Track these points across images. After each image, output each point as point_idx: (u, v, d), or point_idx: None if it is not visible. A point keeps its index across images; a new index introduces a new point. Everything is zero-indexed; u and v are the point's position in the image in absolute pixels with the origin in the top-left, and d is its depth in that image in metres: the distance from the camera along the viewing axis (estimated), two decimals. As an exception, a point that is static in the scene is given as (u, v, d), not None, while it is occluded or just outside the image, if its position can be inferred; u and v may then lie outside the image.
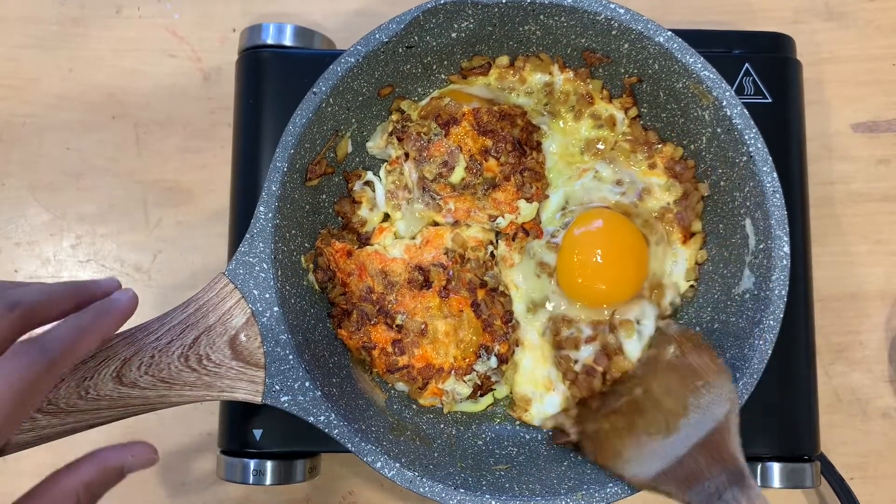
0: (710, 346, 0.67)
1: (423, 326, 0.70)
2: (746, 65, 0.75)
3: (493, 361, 0.71)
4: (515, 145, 0.71)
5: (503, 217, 0.72)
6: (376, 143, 0.73)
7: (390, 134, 0.72)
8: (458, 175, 0.71)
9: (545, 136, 0.73)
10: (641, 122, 0.73)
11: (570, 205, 0.72)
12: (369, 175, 0.73)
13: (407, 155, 0.72)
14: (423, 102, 0.73)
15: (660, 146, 0.72)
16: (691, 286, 0.72)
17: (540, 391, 0.71)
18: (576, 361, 0.70)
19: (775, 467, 0.72)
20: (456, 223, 0.72)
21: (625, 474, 0.63)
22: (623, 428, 0.66)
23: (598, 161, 0.72)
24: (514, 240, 0.72)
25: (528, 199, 0.72)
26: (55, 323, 0.52)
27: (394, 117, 0.72)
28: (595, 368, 0.69)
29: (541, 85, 0.72)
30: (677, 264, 0.72)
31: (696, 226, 0.72)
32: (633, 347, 0.69)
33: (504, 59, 0.72)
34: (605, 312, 0.70)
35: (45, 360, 0.49)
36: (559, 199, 0.73)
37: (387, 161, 0.73)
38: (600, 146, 0.73)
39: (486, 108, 0.72)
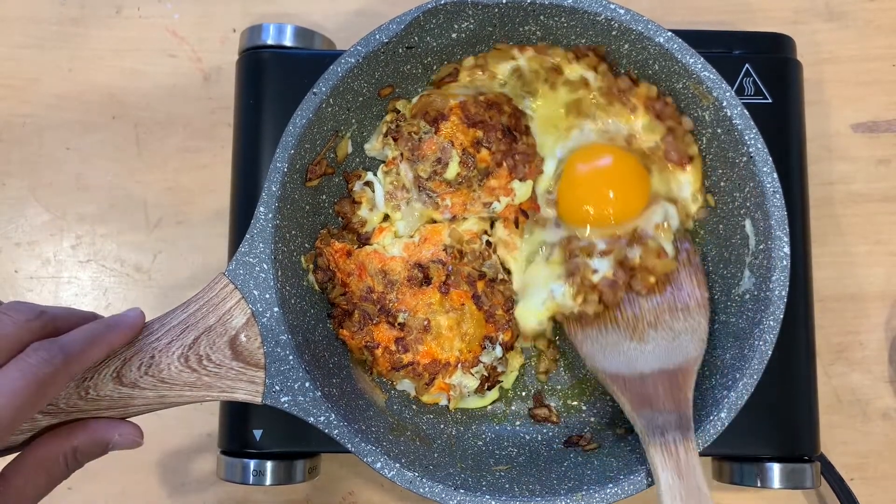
0: (705, 273, 0.70)
1: (425, 323, 0.70)
2: (746, 65, 0.75)
3: (499, 351, 0.71)
4: (505, 132, 0.71)
5: (498, 201, 0.71)
6: (373, 145, 0.73)
7: (385, 135, 0.72)
8: (452, 171, 0.71)
9: (531, 119, 0.73)
10: (613, 71, 0.72)
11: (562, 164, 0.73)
12: (369, 175, 0.73)
13: (402, 155, 0.72)
14: (414, 100, 0.73)
15: (634, 88, 0.71)
16: (702, 207, 0.71)
17: (547, 316, 0.71)
18: (595, 271, 0.69)
19: (775, 468, 0.72)
20: (454, 218, 0.72)
21: (583, 351, 0.68)
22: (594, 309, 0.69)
23: (582, 120, 0.72)
24: (516, 226, 0.72)
25: (522, 179, 0.72)
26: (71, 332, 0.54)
27: (388, 118, 0.72)
28: (617, 282, 0.69)
29: (509, 71, 0.72)
30: (682, 188, 0.71)
31: (692, 149, 0.70)
32: (670, 246, 0.70)
33: (469, 60, 0.72)
34: (620, 229, 0.70)
35: (61, 359, 0.51)
36: (553, 166, 0.72)
37: (384, 162, 0.73)
38: (581, 105, 0.72)
39: (472, 100, 0.71)
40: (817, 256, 0.77)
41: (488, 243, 0.73)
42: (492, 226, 0.74)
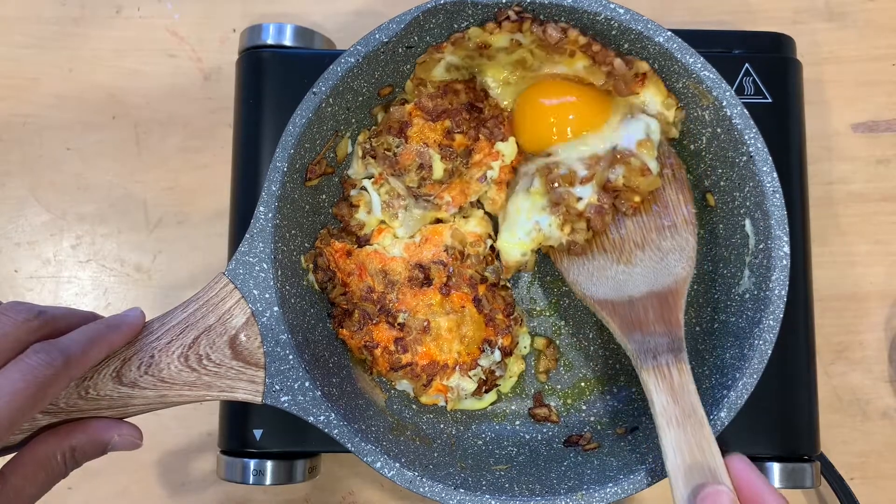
0: (690, 188, 0.69)
1: (425, 324, 0.70)
2: (746, 65, 0.75)
3: (497, 355, 0.71)
4: (469, 109, 0.71)
5: (491, 168, 0.71)
6: (356, 171, 0.72)
7: (363, 157, 0.72)
8: (438, 170, 0.71)
9: (485, 84, 0.72)
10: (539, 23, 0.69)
11: None
12: (365, 182, 0.73)
13: (387, 171, 0.72)
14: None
15: (564, 38, 0.68)
16: (678, 110, 0.70)
17: (529, 248, 0.70)
18: (579, 199, 0.68)
19: (775, 467, 0.72)
20: (460, 209, 0.72)
21: (570, 278, 0.68)
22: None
23: (530, 72, 0.71)
24: (508, 185, 0.72)
25: (503, 140, 0.71)
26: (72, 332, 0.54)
27: (361, 138, 0.72)
28: (603, 207, 0.68)
29: (444, 69, 0.71)
30: (648, 105, 0.69)
31: (642, 66, 0.68)
32: (654, 163, 0.68)
33: (409, 85, 0.71)
34: (600, 147, 0.68)
35: (61, 359, 0.51)
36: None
37: (371, 180, 0.73)
38: (524, 62, 0.71)
39: (426, 94, 0.71)
40: (817, 256, 0.77)
41: (492, 248, 0.73)
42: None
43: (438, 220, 0.72)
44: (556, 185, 0.68)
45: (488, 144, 0.71)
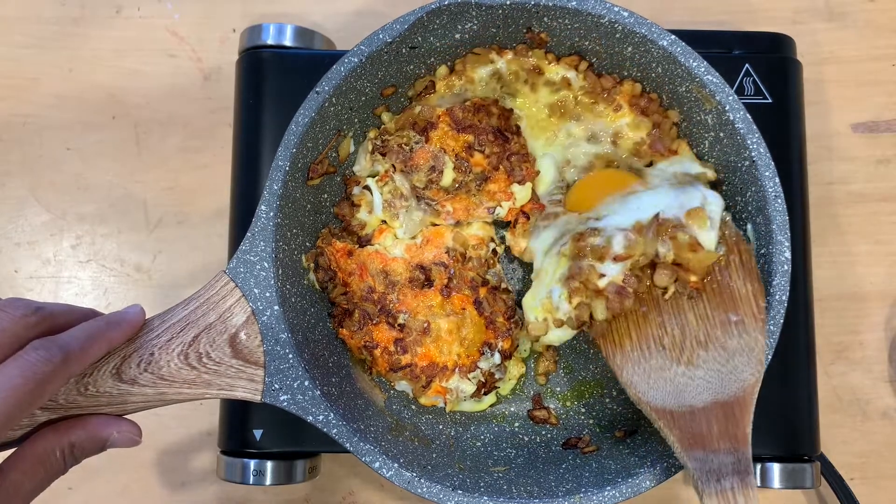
0: (759, 274, 0.62)
1: (425, 325, 0.70)
2: (747, 65, 0.75)
3: (497, 358, 0.71)
4: (497, 134, 0.71)
5: (500, 206, 0.71)
6: (362, 166, 0.72)
7: (371, 152, 0.72)
8: (448, 178, 0.71)
9: (519, 117, 0.73)
10: (595, 70, 0.71)
11: (562, 170, 0.72)
12: (368, 181, 0.73)
13: (394, 167, 0.71)
14: (398, 115, 0.73)
15: (618, 87, 0.70)
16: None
17: (543, 315, 0.66)
18: (602, 276, 0.63)
19: (775, 467, 0.72)
20: (457, 223, 0.72)
21: (624, 378, 0.61)
22: (636, 322, 0.63)
23: (566, 122, 0.71)
24: (515, 227, 0.72)
25: (521, 182, 0.71)
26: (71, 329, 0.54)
27: (372, 135, 0.72)
28: (626, 289, 0.63)
29: (488, 76, 0.72)
30: (686, 167, 0.68)
31: (673, 115, 0.69)
32: (708, 236, 0.62)
33: (443, 70, 0.72)
34: (646, 212, 0.64)
35: (60, 357, 0.51)
36: (550, 168, 0.72)
37: (376, 177, 0.73)
38: (565, 106, 0.71)
39: (459, 105, 0.72)
40: (817, 256, 0.77)
41: (494, 252, 0.73)
42: (499, 233, 0.74)
43: (436, 224, 0.72)
44: (583, 256, 0.64)
45: (506, 181, 0.72)
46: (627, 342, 0.63)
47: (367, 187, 0.72)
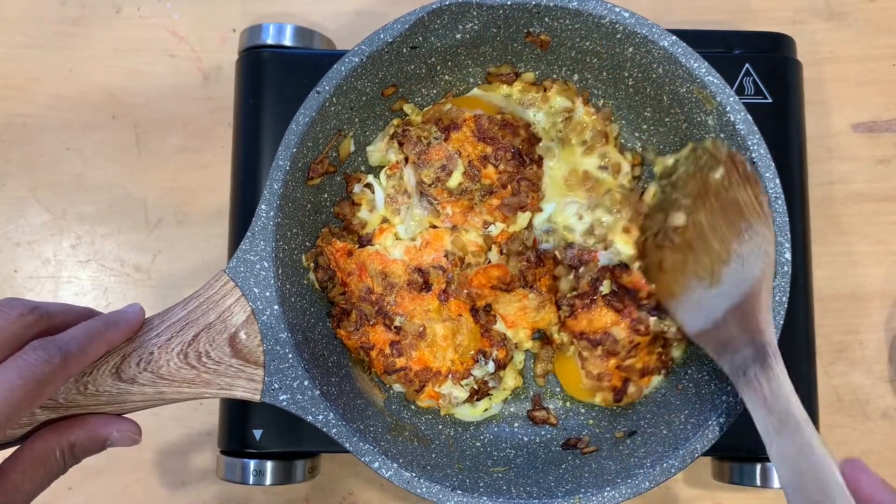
0: (757, 177, 0.64)
1: (421, 329, 0.70)
2: (747, 65, 0.75)
3: (491, 366, 0.71)
4: (515, 155, 0.71)
5: (495, 225, 0.71)
6: (377, 147, 0.72)
7: (392, 137, 0.72)
8: (455, 180, 0.71)
9: (550, 153, 0.73)
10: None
11: (554, 222, 0.72)
12: (369, 178, 0.73)
13: (407, 159, 0.71)
14: (427, 107, 0.73)
15: (641, 218, 0.71)
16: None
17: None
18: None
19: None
20: (454, 228, 0.72)
21: (678, 319, 0.66)
22: (677, 268, 0.66)
23: (586, 197, 0.72)
24: (502, 253, 0.72)
25: (523, 209, 0.71)
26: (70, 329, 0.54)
27: (395, 122, 0.72)
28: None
29: (561, 108, 0.73)
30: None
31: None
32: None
33: (530, 75, 0.73)
34: None
35: (59, 357, 0.51)
36: (552, 211, 0.72)
37: (386, 166, 0.73)
38: (597, 184, 0.72)
39: (487, 116, 0.72)
40: (817, 256, 0.77)
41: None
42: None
43: (435, 226, 0.72)
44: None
45: (510, 202, 0.71)
46: (677, 289, 0.66)
47: (368, 185, 0.72)
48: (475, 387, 0.71)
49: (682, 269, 0.66)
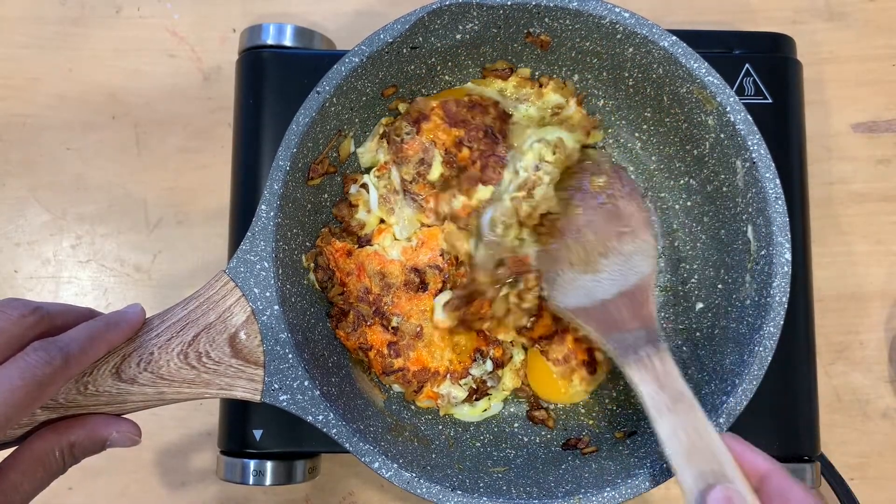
0: (640, 193, 0.73)
1: (418, 329, 0.70)
2: (747, 65, 0.75)
3: (489, 365, 0.71)
4: (488, 133, 0.71)
5: (457, 198, 0.71)
6: (367, 148, 0.72)
7: (381, 137, 0.72)
8: (436, 171, 0.71)
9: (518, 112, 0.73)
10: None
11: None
12: (365, 178, 0.73)
13: (392, 159, 0.71)
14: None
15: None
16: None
17: None
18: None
19: (775, 467, 0.72)
20: (437, 217, 0.71)
21: (546, 293, 0.69)
22: (548, 250, 0.70)
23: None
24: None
25: (485, 183, 0.71)
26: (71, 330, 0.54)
27: (384, 121, 0.72)
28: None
29: (554, 104, 0.73)
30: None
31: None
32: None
33: (526, 71, 0.73)
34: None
35: (60, 358, 0.51)
36: (510, 174, 0.72)
37: (375, 167, 0.73)
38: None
39: (454, 100, 0.71)
40: (817, 256, 0.77)
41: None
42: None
43: (428, 225, 0.72)
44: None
45: (472, 174, 0.71)
46: (545, 268, 0.70)
47: (363, 185, 0.72)
48: (474, 386, 0.71)
49: (554, 256, 0.70)
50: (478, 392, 0.72)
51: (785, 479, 0.54)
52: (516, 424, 0.73)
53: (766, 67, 0.76)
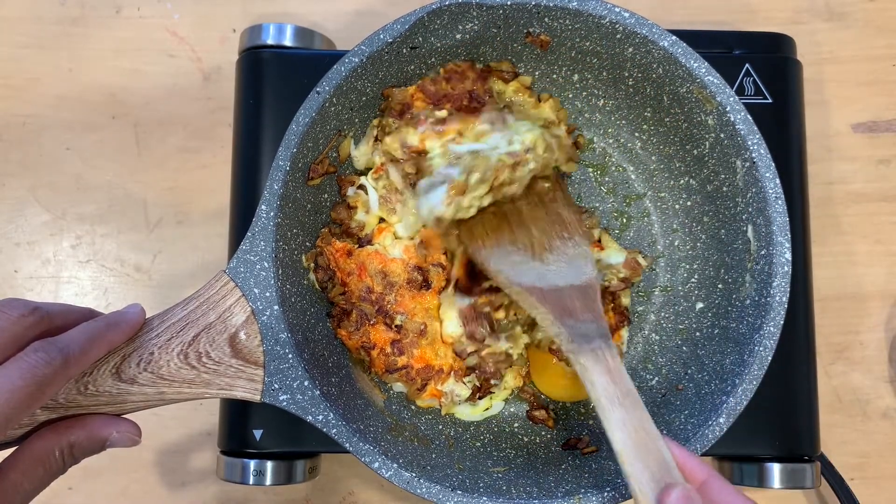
0: (581, 210, 0.74)
1: (422, 327, 0.70)
2: (747, 65, 0.75)
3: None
4: (471, 98, 0.71)
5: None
6: (362, 151, 0.72)
7: (375, 139, 0.72)
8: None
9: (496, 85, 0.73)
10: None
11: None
12: (362, 179, 0.72)
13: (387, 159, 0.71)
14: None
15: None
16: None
17: None
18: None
19: (775, 468, 0.72)
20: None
21: (492, 267, 0.67)
22: (492, 228, 0.69)
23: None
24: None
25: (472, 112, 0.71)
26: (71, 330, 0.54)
27: (375, 122, 0.72)
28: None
29: (546, 118, 0.73)
30: None
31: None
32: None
33: (527, 79, 0.73)
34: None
35: (60, 359, 0.51)
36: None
37: (372, 169, 0.73)
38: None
39: (430, 78, 0.71)
40: (817, 256, 0.77)
41: None
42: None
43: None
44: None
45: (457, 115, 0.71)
46: (487, 242, 0.68)
47: (361, 187, 0.72)
48: (477, 384, 0.71)
49: (496, 232, 0.68)
50: (481, 390, 0.72)
51: (725, 486, 0.55)
52: (516, 424, 0.73)
53: (766, 67, 0.76)
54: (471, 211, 0.66)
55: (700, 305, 0.72)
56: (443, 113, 0.70)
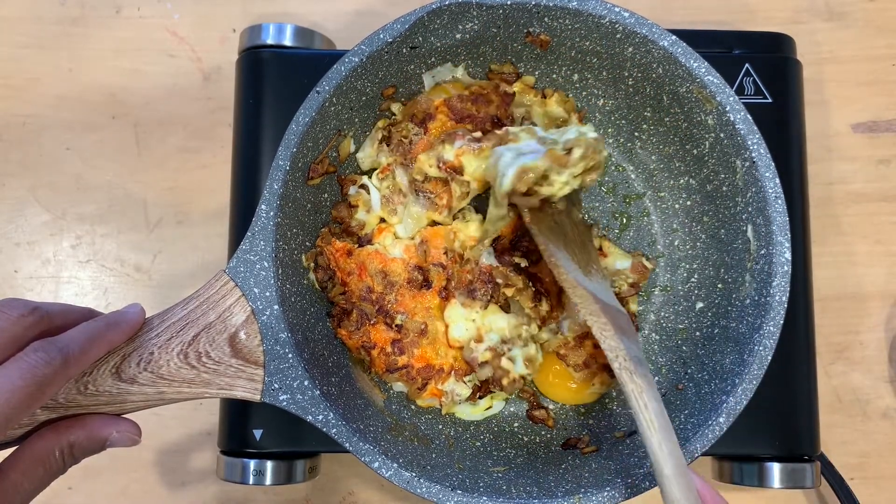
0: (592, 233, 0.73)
1: (423, 326, 0.70)
2: (747, 65, 0.75)
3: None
4: (494, 123, 0.71)
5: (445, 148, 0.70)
6: (367, 153, 0.72)
7: (381, 141, 0.72)
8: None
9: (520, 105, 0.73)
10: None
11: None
12: (364, 179, 0.73)
13: (396, 161, 0.71)
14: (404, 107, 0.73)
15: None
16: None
17: None
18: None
19: (775, 467, 0.72)
20: (450, 212, 0.71)
21: (554, 258, 0.65)
22: (550, 227, 0.67)
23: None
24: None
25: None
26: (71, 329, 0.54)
27: (380, 124, 0.72)
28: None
29: (557, 117, 0.73)
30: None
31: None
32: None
33: (531, 79, 0.73)
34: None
35: (60, 358, 0.51)
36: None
37: (377, 169, 0.73)
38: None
39: (457, 95, 0.71)
40: (817, 256, 0.77)
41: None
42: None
43: (435, 223, 0.72)
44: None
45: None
46: (552, 239, 0.66)
47: (363, 186, 0.72)
48: (477, 383, 0.71)
49: (555, 234, 0.67)
50: (481, 389, 0.72)
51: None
52: (516, 424, 0.73)
53: (766, 67, 0.76)
54: (565, 189, 0.63)
55: (700, 305, 0.72)
56: (478, 134, 0.70)
